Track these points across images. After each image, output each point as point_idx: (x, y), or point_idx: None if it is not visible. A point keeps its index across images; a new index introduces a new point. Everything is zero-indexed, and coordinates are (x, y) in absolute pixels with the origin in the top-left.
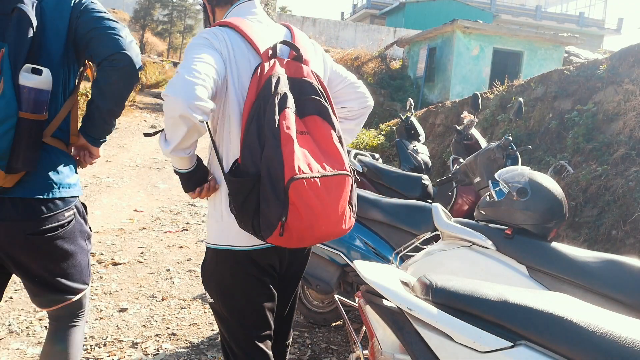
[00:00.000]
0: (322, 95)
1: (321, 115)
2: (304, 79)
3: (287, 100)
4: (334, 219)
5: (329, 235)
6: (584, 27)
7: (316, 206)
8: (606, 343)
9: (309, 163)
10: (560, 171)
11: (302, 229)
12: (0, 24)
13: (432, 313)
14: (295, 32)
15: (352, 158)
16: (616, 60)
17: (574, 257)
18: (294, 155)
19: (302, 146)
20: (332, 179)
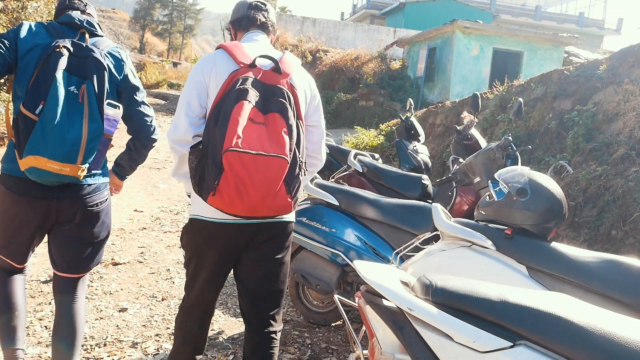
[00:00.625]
0: (288, 99)
1: (281, 113)
2: (276, 85)
3: (247, 95)
4: (263, 192)
5: (260, 208)
6: (584, 27)
7: (244, 176)
8: (606, 343)
9: (250, 143)
10: (560, 171)
11: (232, 194)
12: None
13: (432, 313)
14: (287, 55)
15: (352, 158)
16: (616, 61)
17: (573, 257)
18: (235, 134)
19: (253, 132)
20: (267, 158)
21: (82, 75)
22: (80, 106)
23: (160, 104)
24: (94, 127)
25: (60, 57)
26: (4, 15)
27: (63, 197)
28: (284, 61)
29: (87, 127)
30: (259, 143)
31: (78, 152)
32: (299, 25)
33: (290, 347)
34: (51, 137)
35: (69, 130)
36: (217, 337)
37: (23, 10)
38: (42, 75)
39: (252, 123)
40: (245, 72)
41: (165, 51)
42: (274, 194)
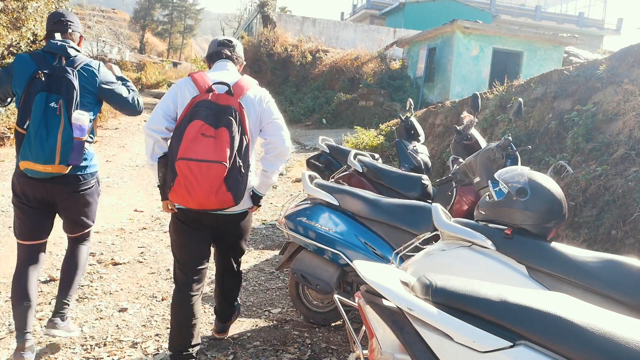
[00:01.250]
0: (235, 117)
1: (227, 127)
2: (227, 105)
3: (199, 115)
4: (206, 190)
5: (204, 202)
6: (584, 27)
7: (192, 179)
8: (606, 343)
9: (196, 152)
10: (559, 171)
11: (182, 191)
12: (57, 84)
13: (431, 313)
14: (242, 79)
15: (352, 158)
16: (616, 61)
17: (573, 257)
18: (185, 146)
19: (201, 143)
20: (209, 164)
21: (59, 92)
22: (58, 118)
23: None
24: (66, 135)
25: (40, 82)
26: (4, 15)
27: (53, 183)
28: (238, 85)
29: (61, 135)
30: (204, 152)
31: (55, 155)
32: (299, 25)
33: (290, 347)
34: (34, 146)
35: (47, 140)
36: (217, 337)
37: (23, 10)
38: (27, 97)
39: (202, 137)
40: (203, 96)
41: (165, 51)
42: (215, 192)
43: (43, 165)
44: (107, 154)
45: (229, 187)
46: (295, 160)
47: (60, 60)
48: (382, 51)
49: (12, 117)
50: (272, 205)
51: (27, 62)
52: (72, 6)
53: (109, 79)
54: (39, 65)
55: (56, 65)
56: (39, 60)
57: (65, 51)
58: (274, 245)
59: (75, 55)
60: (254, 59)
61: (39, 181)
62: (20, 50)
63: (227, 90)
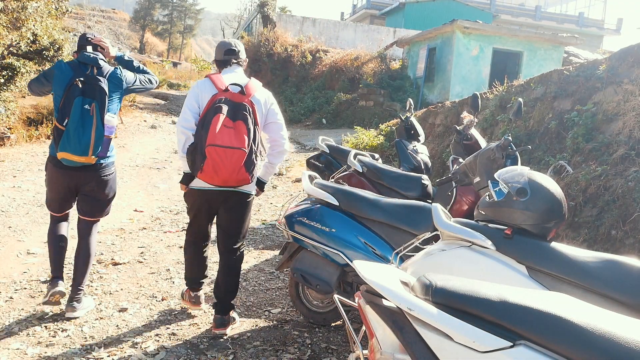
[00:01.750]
0: (249, 112)
1: (243, 121)
2: (241, 102)
3: (222, 109)
4: (229, 170)
5: (228, 180)
6: (584, 27)
7: (218, 161)
8: (606, 343)
9: (222, 140)
10: (559, 171)
11: (210, 171)
12: (91, 90)
13: (431, 313)
14: (251, 81)
15: (352, 158)
16: (615, 61)
17: (573, 257)
18: (213, 136)
19: (225, 133)
20: (233, 150)
21: (93, 97)
22: (91, 118)
23: (160, 104)
24: (98, 133)
25: (77, 88)
26: (4, 15)
27: (83, 171)
28: (248, 86)
29: (94, 133)
30: (228, 140)
31: (89, 149)
32: (299, 25)
33: (290, 347)
34: (72, 141)
35: (83, 136)
36: (217, 337)
37: (23, 11)
38: (66, 100)
39: (225, 127)
40: (221, 95)
41: (165, 51)
42: (237, 171)
43: (78, 156)
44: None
45: (247, 168)
46: (295, 160)
47: (92, 70)
48: (382, 51)
49: (12, 117)
50: (272, 205)
51: (65, 69)
52: (72, 6)
53: (130, 80)
54: (75, 73)
55: (89, 74)
56: (75, 69)
57: (97, 62)
58: (274, 245)
59: (103, 66)
60: (253, 59)
61: (72, 169)
62: (20, 51)
63: (240, 90)
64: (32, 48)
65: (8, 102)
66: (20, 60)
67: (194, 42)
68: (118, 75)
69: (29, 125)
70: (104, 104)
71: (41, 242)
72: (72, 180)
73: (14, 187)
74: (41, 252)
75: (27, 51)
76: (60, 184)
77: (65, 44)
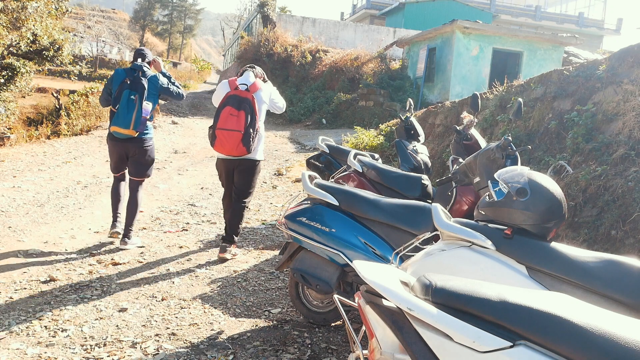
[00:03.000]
0: (250, 105)
1: (245, 111)
2: (245, 97)
3: (229, 103)
4: (231, 145)
5: (231, 152)
6: (584, 27)
7: (223, 140)
8: (606, 343)
9: (227, 125)
10: (559, 171)
11: (219, 146)
12: (135, 86)
13: (431, 313)
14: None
15: (352, 158)
16: (615, 61)
17: (573, 257)
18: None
19: (229, 120)
20: (233, 132)
21: (136, 90)
22: (134, 104)
23: (160, 104)
24: (138, 114)
25: (126, 84)
26: (4, 15)
27: (129, 142)
28: (253, 85)
29: (135, 114)
30: (230, 125)
31: (130, 125)
32: (299, 25)
33: (290, 347)
34: (120, 119)
35: (127, 115)
36: (217, 337)
37: (23, 10)
38: (118, 93)
39: (230, 115)
40: (232, 92)
41: (165, 51)
42: (236, 147)
43: (124, 129)
44: (107, 154)
45: (244, 144)
46: (295, 160)
47: (138, 73)
48: (382, 51)
49: (12, 117)
50: (272, 205)
51: (121, 73)
52: (72, 6)
53: (164, 84)
54: (127, 75)
55: (136, 76)
56: (127, 72)
57: (142, 68)
58: (274, 245)
59: (146, 71)
60: (253, 59)
61: (120, 140)
62: (20, 51)
63: (246, 89)
64: (32, 48)
65: (8, 102)
66: (20, 60)
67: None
68: (155, 78)
69: (29, 125)
70: (142, 95)
71: (41, 242)
72: (122, 149)
73: (14, 187)
74: (41, 252)
75: (27, 51)
76: (114, 152)
77: (65, 44)
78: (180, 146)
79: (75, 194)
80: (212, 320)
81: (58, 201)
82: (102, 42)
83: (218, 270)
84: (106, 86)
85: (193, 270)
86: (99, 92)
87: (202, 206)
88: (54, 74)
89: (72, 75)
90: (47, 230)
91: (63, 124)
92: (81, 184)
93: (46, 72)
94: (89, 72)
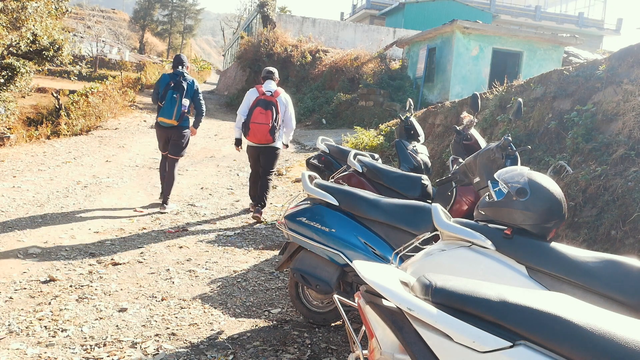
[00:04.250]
0: (274, 106)
1: (270, 110)
2: (271, 101)
3: (259, 104)
4: (260, 135)
5: (261, 140)
6: (583, 27)
7: (255, 130)
8: (606, 343)
9: (258, 120)
10: (559, 171)
11: (252, 136)
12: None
13: (431, 313)
14: (278, 89)
15: (352, 158)
16: (615, 61)
17: (573, 257)
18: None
19: (259, 116)
20: (262, 125)
21: (177, 91)
22: (175, 101)
23: None
24: (178, 109)
25: (170, 86)
26: (4, 15)
27: (170, 129)
28: (275, 92)
29: (176, 108)
30: (260, 119)
31: (172, 116)
32: (299, 25)
33: (290, 347)
34: (165, 111)
35: (170, 109)
36: (217, 337)
37: (23, 11)
38: (164, 92)
39: (260, 113)
40: (261, 97)
41: (165, 51)
42: (265, 136)
43: (168, 119)
44: (107, 154)
45: (270, 134)
46: (295, 160)
47: (179, 78)
48: (382, 51)
49: (12, 117)
50: (272, 205)
51: (166, 77)
52: (72, 6)
53: (198, 88)
54: (171, 79)
55: (178, 80)
56: (171, 76)
57: (183, 75)
58: (274, 245)
59: (186, 76)
60: (253, 59)
61: (165, 128)
62: (20, 51)
63: (270, 94)
64: (31, 48)
65: (8, 102)
66: (20, 60)
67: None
68: (192, 83)
69: (29, 125)
70: (182, 94)
71: (41, 242)
72: (166, 134)
73: (14, 187)
74: (41, 252)
75: (27, 51)
76: (161, 136)
77: (65, 44)
78: None
79: (75, 194)
80: (212, 320)
81: (58, 201)
82: (102, 42)
83: (218, 270)
84: (155, 87)
85: (193, 270)
86: (99, 92)
87: (202, 206)
88: (53, 74)
89: (72, 75)
90: (47, 230)
91: (63, 124)
92: (81, 184)
93: (46, 72)
94: (88, 72)
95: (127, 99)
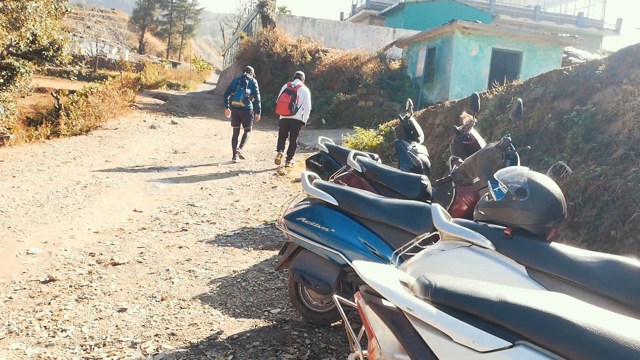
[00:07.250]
0: (294, 93)
1: (292, 95)
2: (293, 90)
3: (285, 91)
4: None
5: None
6: (583, 27)
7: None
8: (605, 343)
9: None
10: (559, 171)
11: (278, 109)
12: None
13: (431, 313)
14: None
15: (352, 158)
16: (615, 61)
17: (573, 257)
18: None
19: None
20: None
21: (243, 86)
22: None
23: (160, 104)
24: (244, 96)
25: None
26: (4, 15)
27: (239, 109)
28: (297, 85)
29: (242, 95)
30: (285, 100)
31: (240, 100)
32: (299, 25)
33: (290, 347)
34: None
35: (239, 96)
36: (217, 337)
37: (22, 10)
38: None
39: (286, 96)
40: (288, 88)
41: (164, 51)
42: (285, 110)
43: (238, 102)
44: (107, 154)
45: (290, 110)
46: (295, 160)
47: (244, 79)
48: (382, 51)
49: (12, 117)
50: (272, 205)
51: (236, 80)
52: (72, 6)
53: (257, 88)
54: (239, 80)
55: (244, 80)
56: (239, 79)
57: (247, 77)
58: (274, 245)
59: (250, 78)
60: (253, 59)
61: (236, 108)
62: (20, 51)
63: (294, 87)
64: (31, 48)
65: (7, 102)
66: (19, 60)
67: (194, 42)
68: (252, 81)
69: (29, 125)
70: (245, 87)
71: (41, 242)
72: (236, 112)
73: (14, 187)
74: (40, 252)
75: (27, 51)
76: (233, 115)
77: (64, 44)
78: (179, 146)
79: (74, 194)
80: (211, 320)
81: (57, 201)
82: (101, 42)
83: (218, 271)
84: (229, 86)
85: (192, 270)
86: (99, 92)
87: (202, 206)
88: (53, 74)
89: (72, 75)
90: (47, 230)
91: (62, 124)
92: (81, 184)
93: (46, 72)
94: (88, 72)
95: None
